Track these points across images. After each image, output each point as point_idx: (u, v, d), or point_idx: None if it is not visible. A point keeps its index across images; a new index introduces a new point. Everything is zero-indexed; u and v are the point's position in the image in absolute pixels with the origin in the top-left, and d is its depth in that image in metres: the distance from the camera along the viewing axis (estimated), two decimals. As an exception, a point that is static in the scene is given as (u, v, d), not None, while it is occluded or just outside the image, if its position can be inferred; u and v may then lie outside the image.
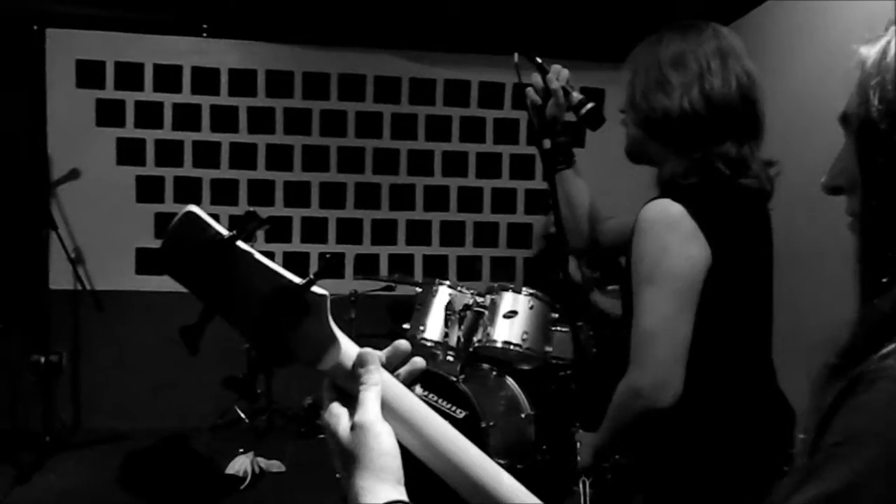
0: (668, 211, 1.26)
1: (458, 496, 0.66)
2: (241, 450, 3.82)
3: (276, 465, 3.79)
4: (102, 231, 4.41)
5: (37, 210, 4.21)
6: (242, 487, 3.55)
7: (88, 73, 4.41)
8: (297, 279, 0.60)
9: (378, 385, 0.63)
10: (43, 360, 4.18)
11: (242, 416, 4.30)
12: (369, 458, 0.61)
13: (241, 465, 3.68)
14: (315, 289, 0.60)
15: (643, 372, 1.27)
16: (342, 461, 0.63)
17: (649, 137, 1.38)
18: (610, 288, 3.91)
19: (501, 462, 1.32)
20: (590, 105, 1.53)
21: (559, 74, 1.55)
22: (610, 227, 1.65)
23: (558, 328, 3.38)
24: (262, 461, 3.76)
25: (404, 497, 0.60)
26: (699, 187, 1.30)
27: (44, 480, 3.65)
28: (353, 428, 0.62)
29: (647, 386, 1.26)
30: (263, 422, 4.29)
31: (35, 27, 4.32)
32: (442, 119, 4.70)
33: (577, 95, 1.55)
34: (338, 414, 0.64)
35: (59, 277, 4.31)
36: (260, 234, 3.63)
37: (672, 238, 1.26)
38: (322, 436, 3.09)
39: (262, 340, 0.62)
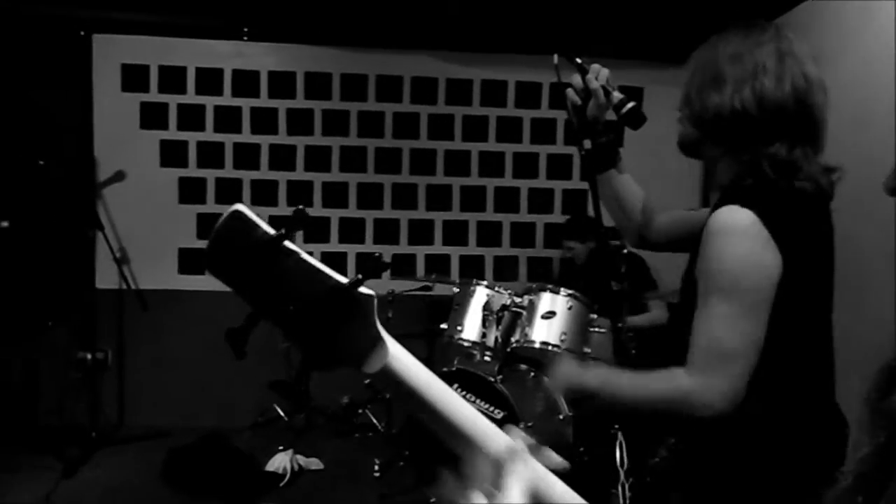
0: (741, 218, 1.23)
1: None
2: (281, 447, 3.87)
3: (314, 463, 3.83)
4: (146, 231, 4.51)
5: (84, 211, 4.32)
6: (282, 484, 3.59)
7: (133, 77, 4.52)
8: (343, 279, 0.59)
9: (524, 480, 0.62)
10: (89, 356, 4.30)
11: (282, 414, 4.35)
12: None
13: (280, 462, 3.72)
14: (362, 289, 0.59)
15: (710, 385, 1.23)
16: None
17: (702, 136, 1.36)
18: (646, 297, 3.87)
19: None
20: (630, 104, 1.52)
21: (599, 74, 1.54)
22: (661, 222, 1.63)
23: (597, 329, 3.34)
24: (301, 459, 3.80)
25: None
26: (761, 190, 1.26)
27: (89, 475, 3.75)
28: None
29: (710, 401, 1.22)
30: (302, 420, 4.33)
31: (82, 33, 4.44)
32: (479, 119, 4.69)
33: (617, 95, 1.53)
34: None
35: (105, 277, 4.42)
36: (298, 234, 3.67)
37: (747, 247, 1.22)
38: (359, 434, 3.09)
39: (307, 342, 0.60)
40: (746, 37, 1.31)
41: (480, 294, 3.44)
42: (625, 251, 3.58)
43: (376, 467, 3.70)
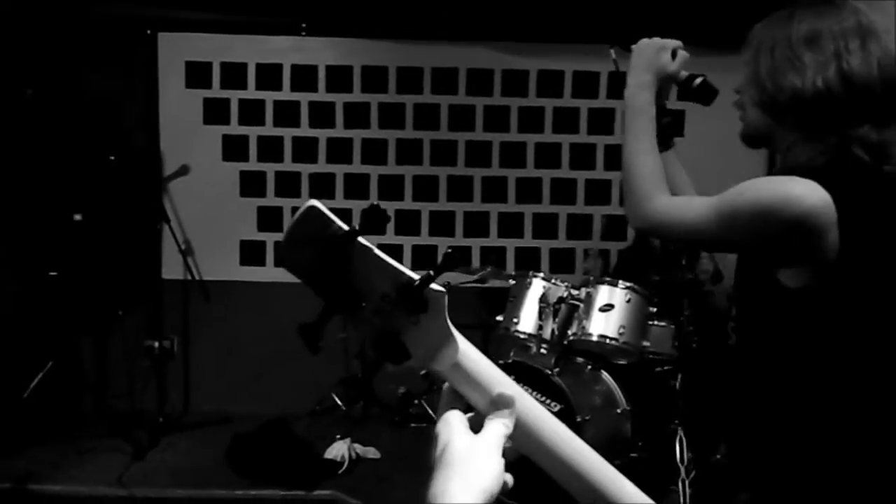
0: (803, 187, 1.14)
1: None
2: (338, 436, 3.94)
3: (371, 452, 3.88)
4: (209, 224, 4.64)
5: (151, 204, 4.47)
6: (340, 472, 3.66)
7: (197, 74, 4.65)
8: (416, 275, 0.59)
9: (508, 428, 0.64)
10: (156, 345, 4.45)
11: (339, 403, 4.43)
12: (474, 472, 0.61)
13: (338, 450, 3.79)
14: (433, 286, 0.59)
15: (653, 214, 1.34)
16: (443, 464, 0.63)
17: (774, 121, 1.30)
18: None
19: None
20: (699, 78, 1.47)
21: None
22: None
23: (656, 323, 3.29)
24: (358, 447, 3.86)
25: None
26: (835, 172, 1.18)
27: (158, 457, 3.89)
28: (469, 443, 0.63)
29: (641, 217, 1.36)
30: (359, 410, 4.40)
31: (149, 31, 4.59)
32: (535, 110, 4.65)
33: (683, 73, 1.49)
34: (453, 424, 0.64)
35: (171, 268, 4.57)
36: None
37: (798, 211, 1.13)
38: (415, 425, 3.13)
39: (379, 338, 0.61)
40: (821, 14, 1.25)
41: (537, 286, 3.43)
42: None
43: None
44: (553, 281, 3.45)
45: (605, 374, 3.21)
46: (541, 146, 4.67)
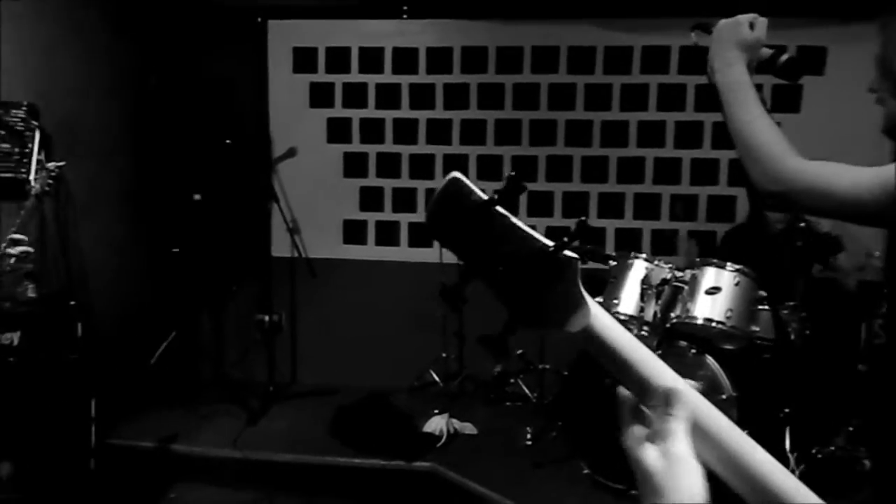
0: None
1: None
2: (436, 411, 4.04)
3: (469, 428, 3.95)
4: (315, 203, 4.83)
5: (262, 185, 4.70)
6: (438, 446, 3.76)
7: (303, 59, 4.82)
8: (550, 242, 0.62)
9: (687, 420, 0.64)
10: (266, 319, 4.70)
11: (436, 379, 4.53)
12: (685, 492, 0.61)
13: (437, 424, 3.89)
14: (566, 252, 0.61)
15: (792, 179, 1.29)
16: (649, 488, 0.63)
17: None
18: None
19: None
20: (785, 56, 1.40)
21: (757, 24, 1.44)
22: None
23: (766, 307, 3.16)
24: (456, 423, 3.94)
25: None
26: None
27: (269, 425, 4.13)
28: (663, 456, 0.63)
29: (772, 183, 1.31)
30: (456, 387, 4.48)
31: (259, 19, 4.80)
32: (638, 88, 4.53)
33: (765, 51, 1.42)
34: (640, 437, 0.66)
35: (280, 245, 4.79)
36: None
37: None
38: (510, 403, 3.17)
39: (514, 302, 0.64)
40: None
41: (639, 267, 3.37)
42: (802, 224, 3.34)
43: (528, 436, 3.76)
44: (656, 262, 3.37)
45: (709, 359, 3.11)
46: (644, 124, 4.54)
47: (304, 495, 3.61)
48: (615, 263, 3.50)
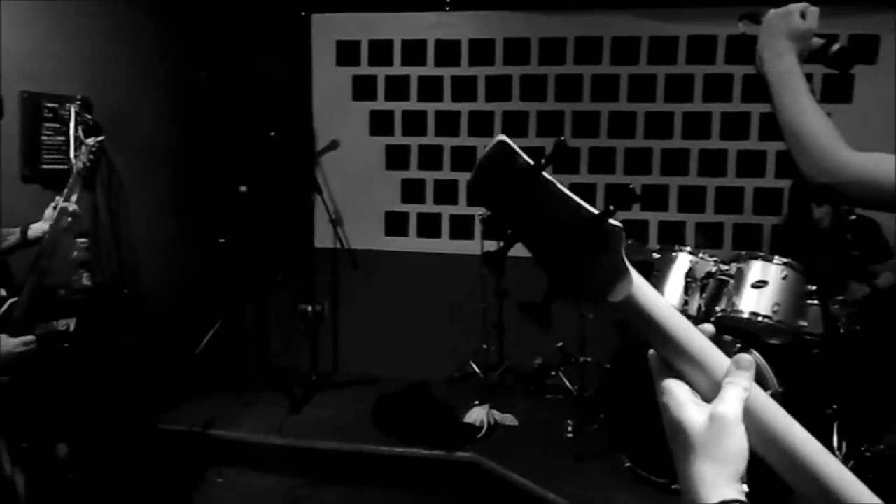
0: None
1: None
2: (477, 402, 4.06)
3: (509, 419, 3.96)
4: (357, 195, 4.88)
5: (305, 177, 4.77)
6: (479, 436, 3.77)
7: (346, 52, 4.87)
8: (595, 210, 0.61)
9: (747, 391, 0.62)
10: (309, 309, 4.77)
11: (476, 371, 4.54)
12: (722, 452, 0.60)
13: (477, 415, 3.90)
14: (612, 221, 0.61)
15: (841, 169, 1.25)
16: (684, 445, 0.62)
17: None
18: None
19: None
20: (837, 45, 1.37)
21: (808, 13, 1.41)
22: None
23: (815, 302, 3.09)
24: (496, 414, 3.95)
25: (744, 500, 0.59)
26: None
27: (311, 412, 4.19)
28: (708, 418, 0.61)
29: (823, 173, 1.26)
30: (496, 378, 4.49)
31: (303, 13, 4.86)
32: (683, 78, 4.46)
33: (817, 40, 1.39)
34: (680, 397, 0.64)
35: (323, 237, 4.86)
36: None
37: None
38: (550, 396, 3.14)
39: (556, 269, 0.63)
40: None
41: (683, 261, 3.33)
42: (853, 216, 3.25)
43: (569, 428, 3.76)
44: (700, 255, 3.33)
45: (754, 354, 3.05)
46: (689, 115, 4.47)
47: (346, 482, 3.66)
48: (658, 257, 3.46)
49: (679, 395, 0.64)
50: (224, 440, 3.89)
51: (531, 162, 0.63)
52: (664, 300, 0.66)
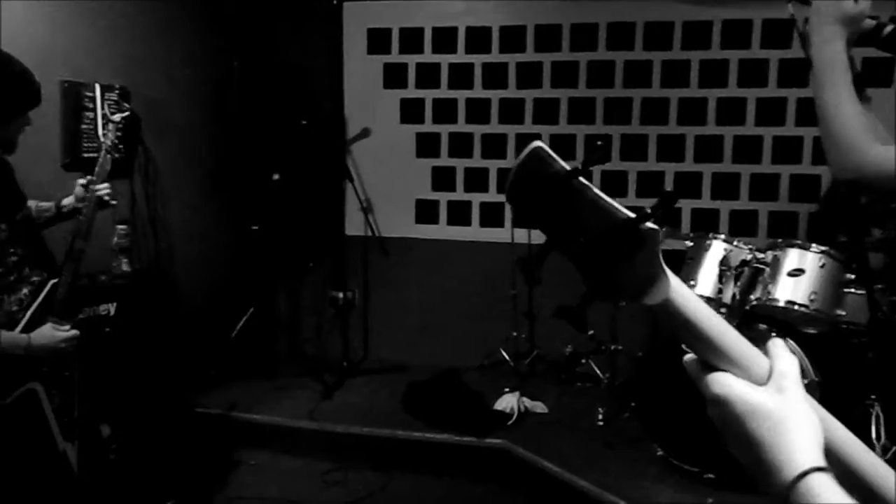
0: None
1: None
2: (507, 389, 4.07)
3: (540, 407, 3.97)
4: (388, 183, 4.90)
5: (336, 165, 4.80)
6: (509, 423, 3.79)
7: (377, 41, 4.87)
8: (631, 214, 0.61)
9: (795, 364, 0.64)
10: (340, 296, 4.82)
11: (507, 358, 4.55)
12: (804, 420, 0.61)
13: (507, 402, 3.92)
14: (648, 224, 0.61)
15: (866, 163, 1.25)
16: (770, 425, 0.61)
17: None
18: None
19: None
20: (890, 27, 1.34)
21: None
22: None
23: (853, 290, 3.04)
24: (527, 401, 3.96)
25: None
26: None
27: (343, 398, 4.25)
28: (777, 392, 0.63)
29: (847, 168, 1.27)
30: (526, 366, 4.50)
31: (334, 2, 4.87)
32: (718, 63, 4.38)
33: (868, 22, 1.36)
34: (732, 383, 0.65)
35: (354, 224, 4.90)
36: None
37: None
38: (580, 384, 3.12)
39: (593, 273, 0.63)
40: None
41: (717, 248, 3.29)
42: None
43: (600, 416, 3.75)
44: (735, 243, 3.29)
45: (790, 343, 3.02)
46: (723, 101, 4.40)
47: (378, 467, 3.71)
48: (691, 244, 3.43)
49: (739, 385, 0.65)
50: (257, 424, 3.96)
51: (567, 167, 0.63)
52: (703, 303, 0.66)
